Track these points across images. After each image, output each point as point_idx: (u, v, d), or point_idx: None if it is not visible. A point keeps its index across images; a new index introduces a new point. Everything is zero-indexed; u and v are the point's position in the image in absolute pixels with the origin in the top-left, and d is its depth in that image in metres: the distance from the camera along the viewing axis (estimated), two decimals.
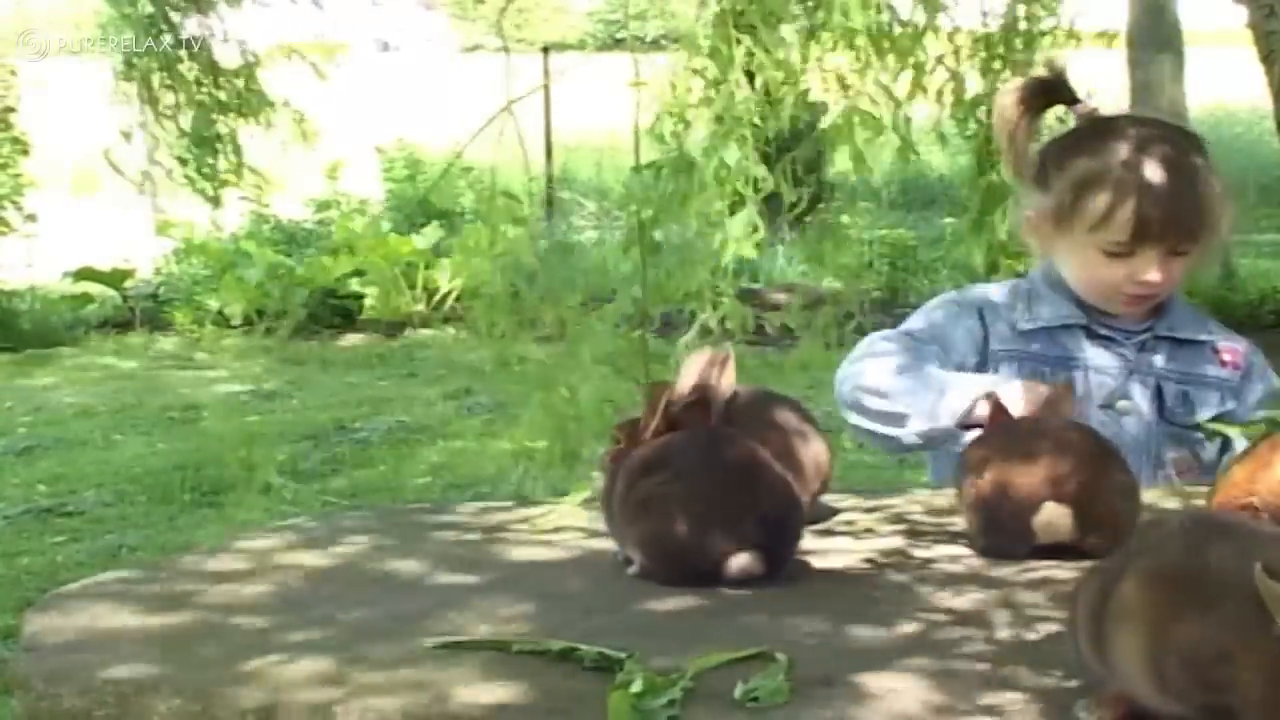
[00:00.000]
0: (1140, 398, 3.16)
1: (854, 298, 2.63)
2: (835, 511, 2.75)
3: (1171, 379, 3.19)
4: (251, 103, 4.58)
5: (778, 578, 2.30)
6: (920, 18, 2.91)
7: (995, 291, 3.28)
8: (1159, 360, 3.20)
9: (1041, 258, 3.27)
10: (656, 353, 2.74)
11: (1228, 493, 2.36)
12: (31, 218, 14.33)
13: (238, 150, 4.65)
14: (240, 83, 4.60)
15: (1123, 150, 3.07)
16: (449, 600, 2.24)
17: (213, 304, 13.84)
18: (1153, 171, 3.06)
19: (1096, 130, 3.14)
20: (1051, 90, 3.13)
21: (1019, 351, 3.17)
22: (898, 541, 2.57)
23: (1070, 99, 3.15)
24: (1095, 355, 3.18)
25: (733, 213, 2.79)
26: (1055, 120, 3.24)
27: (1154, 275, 3.10)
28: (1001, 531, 2.46)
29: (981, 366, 3.17)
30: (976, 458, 2.54)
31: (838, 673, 1.89)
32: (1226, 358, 3.24)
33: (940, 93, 3.14)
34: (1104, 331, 3.20)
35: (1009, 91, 3.11)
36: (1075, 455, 2.46)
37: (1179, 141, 3.14)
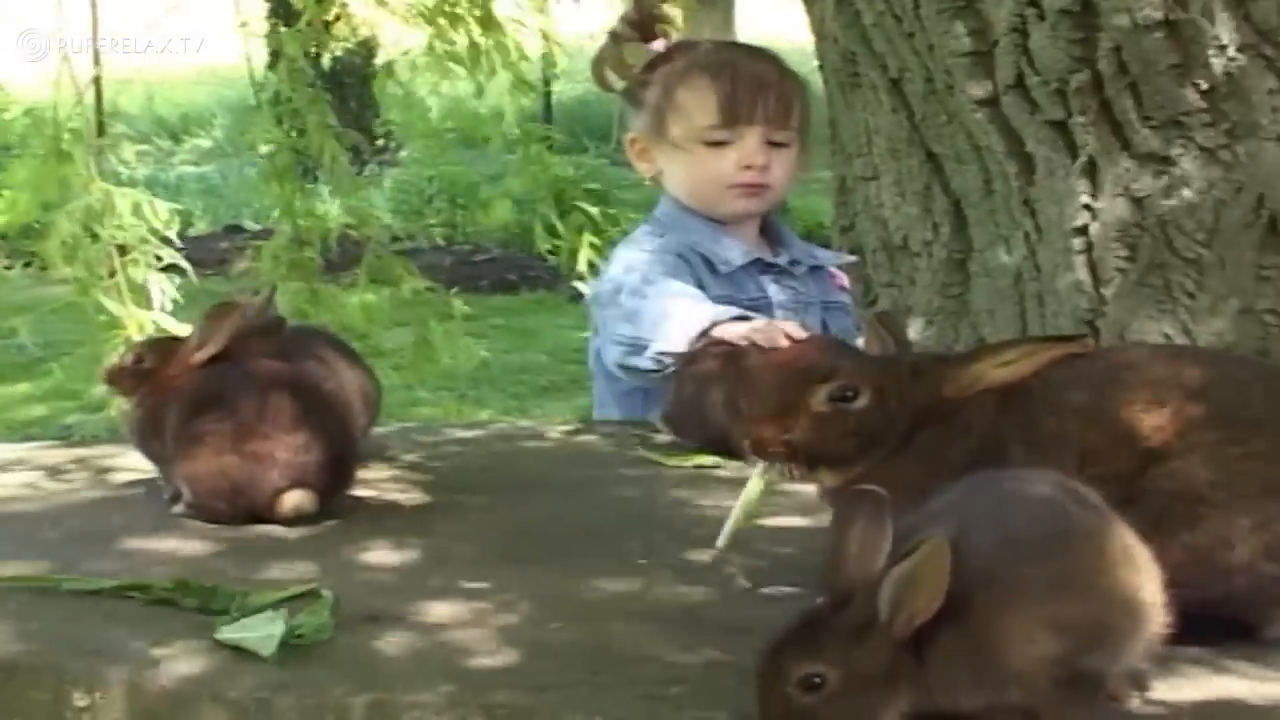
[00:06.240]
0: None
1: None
2: (386, 446, 2.77)
3: (819, 306, 3.27)
4: None
5: (332, 515, 2.31)
6: None
7: (665, 242, 3.23)
8: (814, 290, 3.28)
9: (649, 179, 3.35)
10: None
11: None
12: None
13: None
14: None
15: (705, 48, 3.29)
16: None
17: None
18: (737, 57, 3.26)
19: (681, 46, 3.33)
20: (638, 27, 3.34)
21: (725, 298, 3.09)
22: (449, 474, 2.60)
23: (653, 35, 3.36)
24: (776, 293, 3.22)
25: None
26: None
27: (759, 158, 3.19)
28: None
29: None
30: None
31: (385, 608, 1.91)
32: (839, 280, 3.33)
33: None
34: (780, 263, 3.26)
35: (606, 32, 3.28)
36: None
37: (760, 50, 3.35)
